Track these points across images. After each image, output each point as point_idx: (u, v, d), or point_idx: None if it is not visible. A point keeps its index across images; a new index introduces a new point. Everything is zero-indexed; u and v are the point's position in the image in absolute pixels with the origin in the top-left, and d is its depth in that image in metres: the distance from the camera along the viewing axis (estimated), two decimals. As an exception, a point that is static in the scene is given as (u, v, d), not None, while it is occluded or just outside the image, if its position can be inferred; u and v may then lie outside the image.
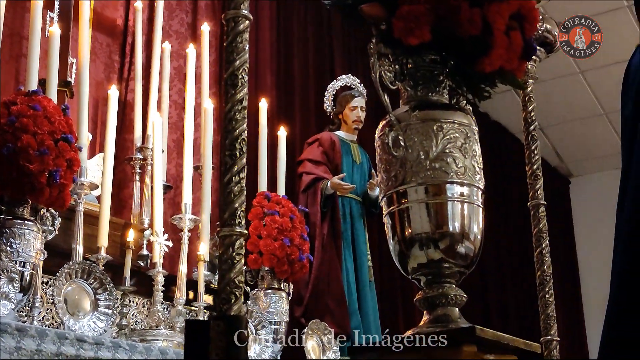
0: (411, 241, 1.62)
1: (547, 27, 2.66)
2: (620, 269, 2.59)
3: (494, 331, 1.51)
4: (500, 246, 7.16)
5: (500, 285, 6.98)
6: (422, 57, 1.69)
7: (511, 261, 7.19)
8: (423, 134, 1.63)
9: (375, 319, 4.54)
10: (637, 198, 2.61)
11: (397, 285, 5.72)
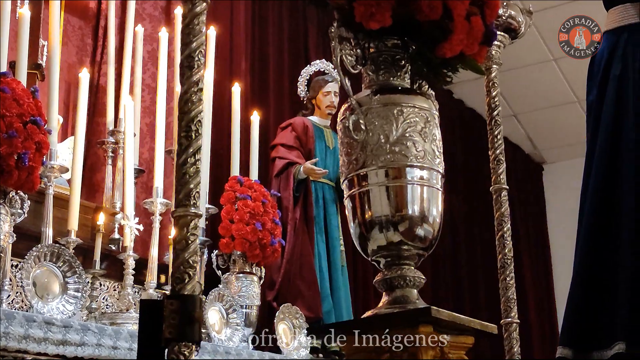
0: (371, 224, 1.64)
1: (512, 13, 2.68)
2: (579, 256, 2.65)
3: (450, 312, 1.54)
4: (475, 231, 7.22)
5: (473, 269, 7.06)
6: (384, 42, 1.71)
7: (485, 246, 7.26)
8: (384, 117, 1.65)
9: (347, 303, 4.57)
10: (598, 188, 2.66)
11: (369, 269, 5.75)
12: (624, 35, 2.69)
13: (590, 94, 2.79)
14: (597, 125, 2.67)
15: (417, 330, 1.49)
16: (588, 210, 2.62)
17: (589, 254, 2.59)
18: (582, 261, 2.60)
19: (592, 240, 2.60)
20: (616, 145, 2.61)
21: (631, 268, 2.47)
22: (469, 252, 7.14)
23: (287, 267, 4.44)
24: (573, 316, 2.56)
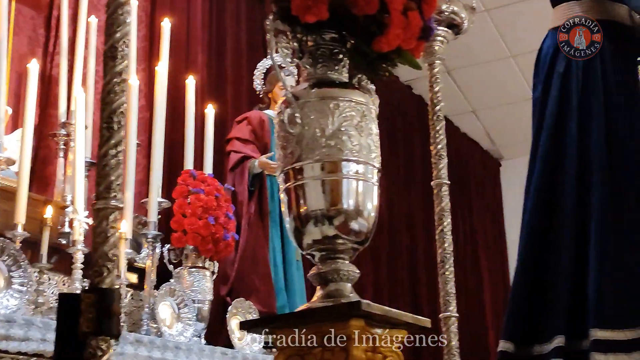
0: (306, 217, 1.64)
1: (455, 9, 2.70)
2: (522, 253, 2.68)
3: (382, 306, 1.54)
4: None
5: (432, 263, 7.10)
6: (322, 35, 1.70)
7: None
8: (320, 111, 1.65)
9: (302, 298, 4.57)
10: (540, 186, 2.69)
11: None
12: (569, 32, 2.72)
13: (535, 91, 2.82)
14: (541, 123, 2.70)
15: (348, 324, 1.49)
16: (531, 208, 2.65)
17: (530, 251, 2.62)
18: (524, 257, 2.63)
19: (534, 238, 2.63)
20: (559, 143, 2.64)
21: (571, 266, 2.50)
22: (428, 245, 7.17)
23: (241, 261, 4.43)
24: (515, 311, 2.59)
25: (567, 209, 2.60)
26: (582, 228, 2.58)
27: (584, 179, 2.61)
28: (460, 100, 7.71)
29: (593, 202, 2.57)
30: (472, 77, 7.37)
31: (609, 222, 2.54)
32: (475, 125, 8.13)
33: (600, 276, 2.48)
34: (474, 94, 7.64)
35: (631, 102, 2.71)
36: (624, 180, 2.59)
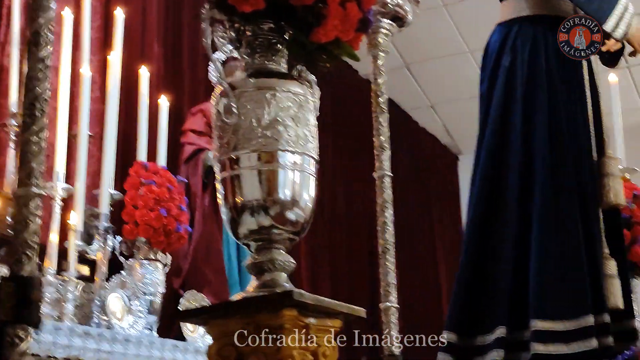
0: (242, 208, 1.64)
1: (399, 1, 2.72)
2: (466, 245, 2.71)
3: (315, 296, 1.55)
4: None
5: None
6: (260, 25, 1.70)
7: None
8: (256, 101, 1.65)
9: (256, 290, 4.56)
10: (485, 178, 2.73)
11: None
12: (514, 27, 2.76)
13: (482, 85, 2.85)
14: (486, 116, 2.73)
15: (281, 314, 1.49)
16: (476, 200, 2.68)
17: (474, 242, 2.65)
18: (468, 250, 2.66)
19: (478, 230, 2.67)
20: (504, 136, 2.67)
21: (513, 257, 2.53)
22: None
23: (195, 254, 4.41)
24: (458, 302, 2.62)
25: (510, 201, 2.64)
26: (525, 221, 2.61)
27: (528, 173, 2.65)
28: (419, 95, 7.75)
29: (536, 196, 2.60)
30: (431, 72, 7.41)
31: (551, 215, 2.57)
32: (433, 119, 8.17)
33: (541, 268, 2.52)
34: (432, 89, 7.68)
35: (573, 97, 2.75)
36: (565, 175, 2.63)
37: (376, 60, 2.77)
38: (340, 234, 6.41)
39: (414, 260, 7.53)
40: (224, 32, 1.67)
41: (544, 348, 2.44)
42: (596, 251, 2.62)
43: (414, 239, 7.67)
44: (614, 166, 2.75)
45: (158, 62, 5.07)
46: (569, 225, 2.57)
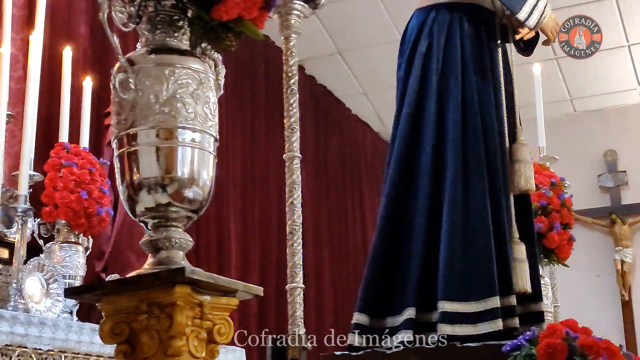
0: (139, 185, 1.62)
1: (311, -16, 2.72)
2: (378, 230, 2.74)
3: (210, 273, 1.54)
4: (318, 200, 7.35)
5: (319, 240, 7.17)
6: (161, 2, 1.68)
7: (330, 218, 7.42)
8: (155, 77, 1.63)
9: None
10: (399, 160, 2.76)
11: (212, 238, 5.75)
12: (432, 13, 2.79)
13: (399, 70, 2.88)
14: (402, 100, 2.76)
15: (173, 291, 1.49)
16: (389, 183, 2.71)
17: (387, 226, 2.68)
18: (380, 232, 2.69)
19: (391, 213, 2.70)
20: (418, 120, 2.71)
21: (424, 239, 2.57)
22: (316, 222, 7.23)
23: (118, 237, 4.37)
24: (369, 285, 2.65)
25: (422, 184, 2.68)
26: (436, 204, 2.65)
27: (440, 156, 2.69)
28: (352, 82, 7.78)
29: (447, 179, 2.64)
30: (364, 59, 7.44)
31: (459, 198, 2.62)
32: (366, 107, 8.21)
33: (449, 250, 2.56)
34: (365, 76, 7.71)
35: (487, 84, 2.80)
36: (475, 159, 2.68)
37: (288, 42, 2.77)
38: (271, 214, 6.40)
39: (346, 243, 7.58)
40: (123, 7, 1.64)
41: (451, 329, 2.49)
42: (505, 235, 2.67)
43: (346, 223, 7.72)
44: (525, 152, 2.80)
45: (84, 43, 4.99)
46: (477, 208, 2.61)
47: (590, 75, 7.91)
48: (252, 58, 6.58)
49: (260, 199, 6.24)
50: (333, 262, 7.28)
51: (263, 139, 6.41)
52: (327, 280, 7.08)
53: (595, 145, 8.38)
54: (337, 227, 7.56)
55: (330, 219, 7.43)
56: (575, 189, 7.28)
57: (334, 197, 7.60)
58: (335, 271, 7.26)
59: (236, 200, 6.09)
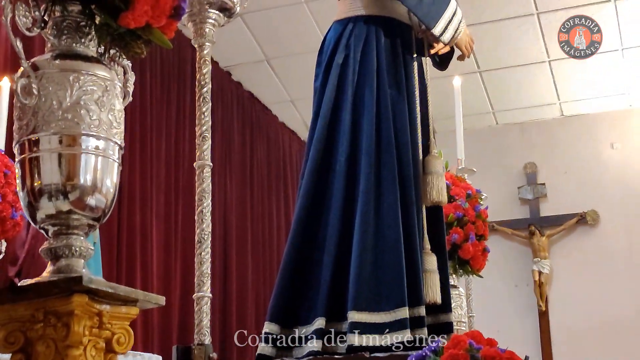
0: (40, 192, 1.60)
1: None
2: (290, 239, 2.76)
3: (109, 282, 1.53)
4: (247, 205, 7.33)
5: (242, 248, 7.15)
6: (67, 7, 1.66)
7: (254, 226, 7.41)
8: (59, 83, 1.62)
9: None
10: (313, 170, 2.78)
11: (135, 246, 5.69)
12: (349, 26, 2.83)
13: (317, 80, 2.90)
14: (318, 110, 2.79)
15: (70, 300, 1.47)
16: (303, 192, 2.73)
17: (300, 234, 2.69)
18: (293, 240, 2.71)
19: (304, 221, 2.71)
20: (333, 130, 2.73)
21: (335, 248, 2.59)
22: (241, 228, 7.21)
23: (33, 242, 4.27)
24: (280, 295, 2.66)
25: (336, 194, 2.70)
26: (349, 214, 2.68)
27: (353, 167, 2.72)
28: (279, 89, 7.80)
29: (359, 189, 2.68)
30: (291, 66, 7.47)
31: (372, 209, 2.65)
32: (293, 114, 8.24)
33: (360, 260, 2.59)
34: (292, 84, 7.73)
35: (402, 96, 2.84)
36: (388, 170, 2.71)
37: (202, 50, 2.76)
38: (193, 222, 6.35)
39: (271, 250, 7.59)
40: (27, 12, 1.62)
41: (360, 339, 2.51)
42: (416, 246, 2.71)
43: (271, 230, 7.72)
44: (437, 165, 2.85)
45: (4, 43, 4.89)
46: (389, 219, 2.65)
47: (512, 89, 8.10)
48: (180, 61, 6.55)
49: (183, 205, 6.20)
50: (257, 269, 7.28)
51: (188, 144, 6.37)
52: (250, 287, 7.07)
53: (516, 158, 8.57)
54: (262, 234, 7.56)
55: (255, 226, 7.42)
56: (496, 200, 7.46)
57: (259, 204, 7.59)
58: (258, 278, 7.25)
59: (159, 207, 6.03)
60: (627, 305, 7.83)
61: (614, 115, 8.33)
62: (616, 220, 8.14)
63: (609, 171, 8.27)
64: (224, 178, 7.06)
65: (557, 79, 7.90)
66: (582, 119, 8.45)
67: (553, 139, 8.54)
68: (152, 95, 6.16)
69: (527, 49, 7.47)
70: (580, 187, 8.31)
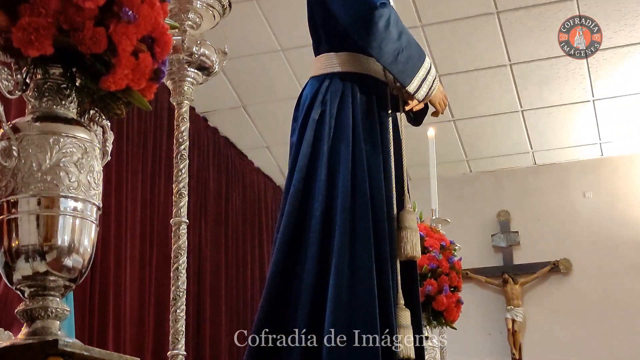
0: (17, 253, 1.61)
1: (205, 52, 2.78)
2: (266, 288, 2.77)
3: (84, 345, 1.54)
4: (222, 255, 7.31)
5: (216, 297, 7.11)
6: (48, 70, 1.69)
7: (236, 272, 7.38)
8: (39, 145, 1.64)
9: (70, 329, 4.43)
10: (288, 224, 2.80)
11: (109, 306, 5.65)
12: (325, 82, 2.87)
13: (293, 135, 2.94)
14: (294, 165, 2.82)
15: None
16: (278, 247, 2.75)
17: (274, 290, 2.71)
18: (267, 296, 2.72)
19: (279, 276, 2.73)
20: (309, 185, 2.76)
21: (310, 305, 2.61)
22: (214, 274, 7.19)
23: (5, 291, 4.25)
24: (254, 350, 2.66)
25: (310, 250, 2.72)
26: (324, 270, 2.70)
27: (329, 223, 2.74)
28: (255, 135, 7.85)
29: (334, 245, 2.70)
30: (268, 113, 7.54)
31: (346, 264, 2.67)
32: (268, 160, 8.29)
33: (333, 318, 2.60)
34: (268, 130, 7.80)
35: (377, 152, 2.88)
36: (363, 226, 2.74)
37: (180, 108, 2.79)
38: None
39: (244, 296, 7.56)
40: (9, 75, 1.65)
41: None
42: (390, 301, 2.73)
43: (245, 276, 7.70)
44: (412, 220, 2.89)
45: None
46: (363, 274, 2.67)
47: (485, 138, 8.21)
48: (158, 111, 6.58)
49: (157, 258, 6.17)
50: (230, 316, 7.24)
51: (163, 194, 6.37)
52: (223, 334, 7.02)
53: (489, 205, 8.65)
54: (239, 280, 7.54)
55: (229, 273, 7.41)
56: (470, 248, 7.52)
57: (234, 250, 7.59)
58: (232, 326, 7.21)
59: (133, 262, 6.00)
60: (600, 354, 7.88)
61: (585, 164, 8.46)
62: (589, 269, 8.22)
63: (581, 220, 8.37)
64: (199, 223, 7.06)
65: (529, 128, 8.03)
66: (555, 168, 8.57)
67: (526, 187, 8.64)
68: (129, 141, 6.17)
69: (500, 99, 7.60)
70: (553, 235, 8.39)
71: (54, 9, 1.62)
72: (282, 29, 6.66)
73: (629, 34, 6.62)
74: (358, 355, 2.58)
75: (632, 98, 7.51)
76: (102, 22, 1.68)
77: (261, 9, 6.47)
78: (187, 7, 2.68)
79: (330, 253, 2.70)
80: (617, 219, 8.24)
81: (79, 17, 1.64)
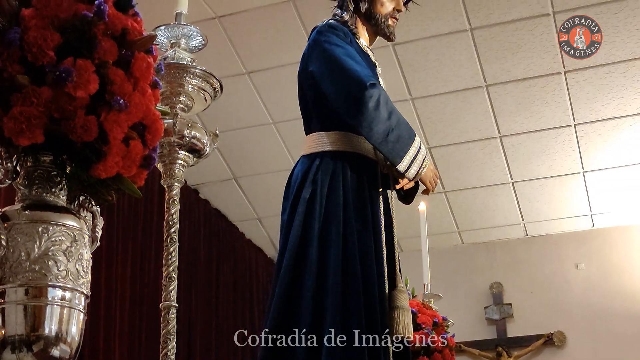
0: (4, 343, 1.59)
1: (196, 134, 2.79)
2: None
3: None
4: (213, 324, 7.23)
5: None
6: (39, 157, 1.69)
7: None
8: (27, 234, 1.63)
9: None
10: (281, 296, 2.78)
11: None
12: (316, 161, 2.89)
13: (284, 213, 2.94)
14: (285, 244, 2.81)
15: None
16: (269, 325, 2.72)
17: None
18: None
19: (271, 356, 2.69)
20: (300, 265, 2.75)
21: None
22: (205, 347, 7.10)
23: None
24: None
25: (303, 327, 2.70)
26: (315, 351, 2.67)
27: (320, 304, 2.72)
28: (246, 207, 7.85)
29: (325, 326, 2.67)
30: (259, 185, 7.55)
31: (338, 350, 2.64)
32: (260, 232, 8.27)
33: None
34: (259, 202, 7.80)
35: (368, 231, 2.88)
36: (354, 307, 2.72)
37: (171, 191, 2.79)
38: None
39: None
40: (1, 164, 1.65)
41: None
42: (383, 383, 2.70)
43: (236, 349, 7.61)
44: (404, 299, 2.87)
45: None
46: (355, 356, 2.64)
47: (477, 209, 8.23)
48: (148, 192, 6.58)
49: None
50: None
51: (153, 267, 6.33)
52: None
53: (482, 277, 8.62)
54: (227, 353, 7.44)
55: (220, 344, 7.32)
56: (463, 320, 7.46)
57: (224, 322, 7.51)
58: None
59: (122, 333, 5.94)
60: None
61: (577, 236, 8.47)
62: (583, 341, 8.15)
63: (574, 291, 8.34)
64: (189, 294, 7.00)
65: (520, 199, 8.06)
66: (546, 239, 8.58)
67: (518, 258, 8.63)
68: (119, 219, 6.16)
69: (490, 171, 7.65)
70: (546, 307, 8.35)
71: (45, 98, 1.63)
72: (273, 102, 6.73)
73: (617, 107, 6.71)
74: None
75: (621, 170, 7.57)
76: (94, 110, 1.70)
77: (252, 83, 6.54)
78: (179, 90, 2.70)
79: (322, 335, 2.67)
80: (610, 290, 8.21)
81: (71, 106, 1.65)
